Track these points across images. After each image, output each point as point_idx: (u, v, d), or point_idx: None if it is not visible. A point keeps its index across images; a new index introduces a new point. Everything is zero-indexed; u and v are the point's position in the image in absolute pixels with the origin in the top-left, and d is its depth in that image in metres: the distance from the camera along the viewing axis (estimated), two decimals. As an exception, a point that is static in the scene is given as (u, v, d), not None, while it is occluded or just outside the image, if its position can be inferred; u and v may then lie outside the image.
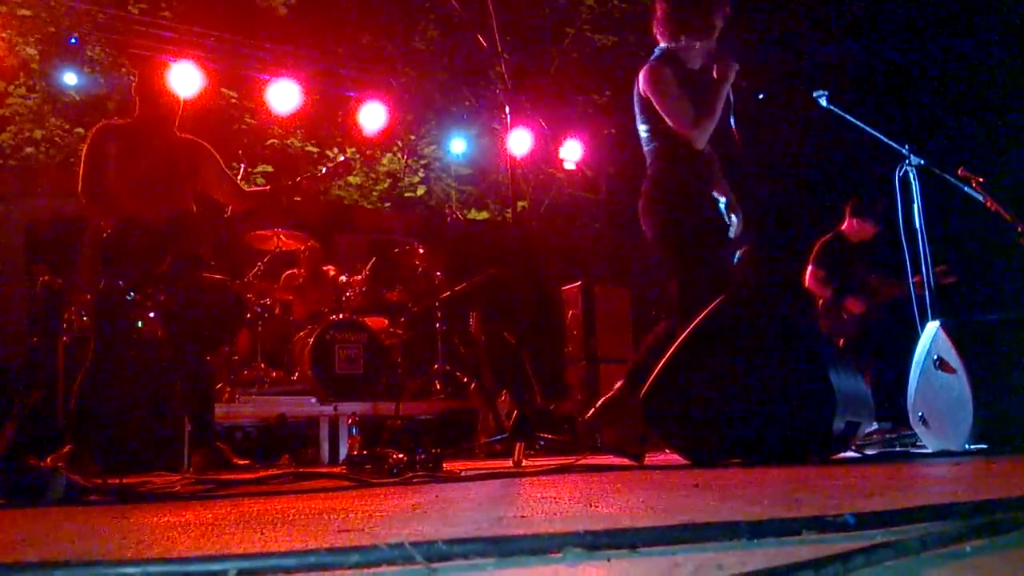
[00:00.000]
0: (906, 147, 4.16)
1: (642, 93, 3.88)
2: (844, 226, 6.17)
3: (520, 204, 8.64)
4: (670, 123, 3.76)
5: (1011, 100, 9.07)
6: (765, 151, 10.21)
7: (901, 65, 9.90)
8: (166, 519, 1.78)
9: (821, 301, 6.11)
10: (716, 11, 3.86)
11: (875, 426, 5.10)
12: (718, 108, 3.74)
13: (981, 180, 4.42)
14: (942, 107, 9.60)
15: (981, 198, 4.43)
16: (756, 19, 9.86)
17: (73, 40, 7.18)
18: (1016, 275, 5.52)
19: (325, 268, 6.28)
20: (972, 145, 8.67)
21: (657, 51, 3.93)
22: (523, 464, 3.44)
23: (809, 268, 6.09)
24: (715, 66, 3.81)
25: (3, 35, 7.29)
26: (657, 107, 3.78)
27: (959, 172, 4.45)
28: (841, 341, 5.89)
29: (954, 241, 5.82)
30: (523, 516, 1.55)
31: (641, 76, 3.88)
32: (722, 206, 3.81)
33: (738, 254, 3.87)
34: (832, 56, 9.93)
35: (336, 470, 3.79)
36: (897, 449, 4.07)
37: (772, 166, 10.12)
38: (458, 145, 8.88)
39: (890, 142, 4.22)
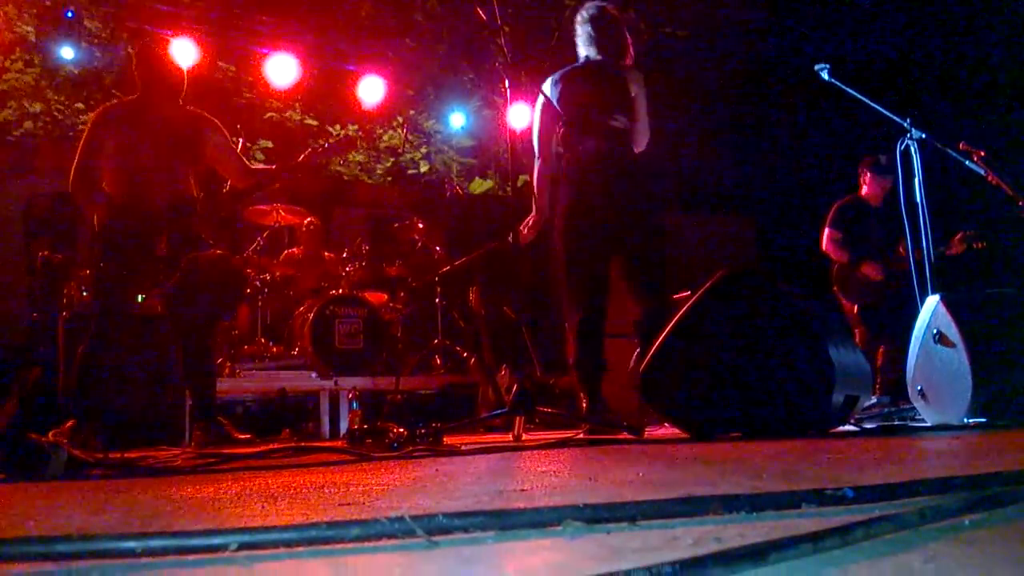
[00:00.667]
0: (907, 120, 4.14)
1: (632, 94, 4.01)
2: (864, 190, 5.98)
3: (521, 178, 8.62)
4: (646, 129, 4.12)
5: (1014, 77, 9.02)
6: (767, 125, 10.18)
7: (902, 44, 9.84)
8: (167, 493, 1.79)
9: (836, 265, 5.94)
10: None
11: (874, 400, 5.11)
12: None
13: (982, 154, 4.39)
14: (944, 82, 9.55)
15: (982, 171, 4.41)
16: (759, 2, 9.79)
17: (69, 14, 7.12)
18: (1016, 249, 5.51)
19: (325, 253, 6.29)
20: (973, 121, 8.63)
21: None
22: (523, 438, 3.46)
23: (826, 231, 5.92)
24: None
25: (5, 8, 7.23)
26: (641, 109, 4.05)
27: (960, 145, 4.43)
28: (856, 307, 5.77)
29: (955, 215, 5.79)
30: (523, 490, 1.55)
31: (638, 80, 4.06)
32: None
33: None
34: (832, 40, 9.86)
35: (337, 444, 3.80)
36: (896, 423, 4.09)
37: (775, 141, 10.09)
38: (458, 119, 8.84)
39: (891, 115, 4.20)
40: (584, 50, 4.10)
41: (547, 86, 4.03)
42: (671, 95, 10.00)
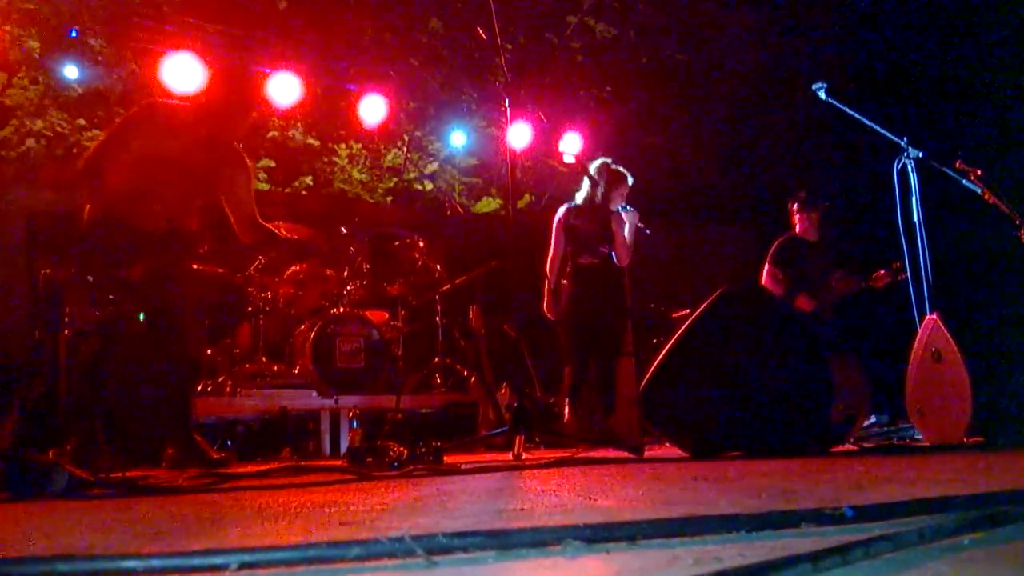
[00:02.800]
0: (904, 140, 4.16)
1: (614, 230, 5.47)
2: (797, 228, 6.18)
3: (527, 196, 8.65)
4: (626, 252, 5.51)
5: (1011, 93, 9.06)
6: (767, 138, 10.22)
7: (899, 59, 9.89)
8: (168, 512, 1.79)
9: None
10: None
11: (873, 419, 5.11)
12: None
13: (979, 173, 4.41)
14: (941, 101, 9.59)
15: (979, 191, 4.43)
16: (757, 15, 9.86)
17: (73, 33, 7.17)
18: (1014, 268, 5.51)
19: (326, 271, 6.30)
20: (971, 140, 8.66)
21: None
22: (523, 457, 3.45)
23: (766, 267, 6.11)
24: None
25: (6, 28, 7.27)
26: (619, 241, 5.45)
27: (957, 164, 4.45)
28: None
29: (952, 234, 5.80)
30: (523, 509, 1.55)
31: (618, 220, 5.44)
32: None
33: None
34: (831, 50, 9.92)
35: (337, 463, 3.80)
36: (895, 442, 4.08)
37: (775, 153, 10.13)
38: (459, 138, 8.87)
39: (888, 134, 4.22)
40: (589, 192, 5.47)
41: (562, 213, 5.51)
42: (671, 108, 10.05)
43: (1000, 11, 8.86)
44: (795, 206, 6.21)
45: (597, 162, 5.62)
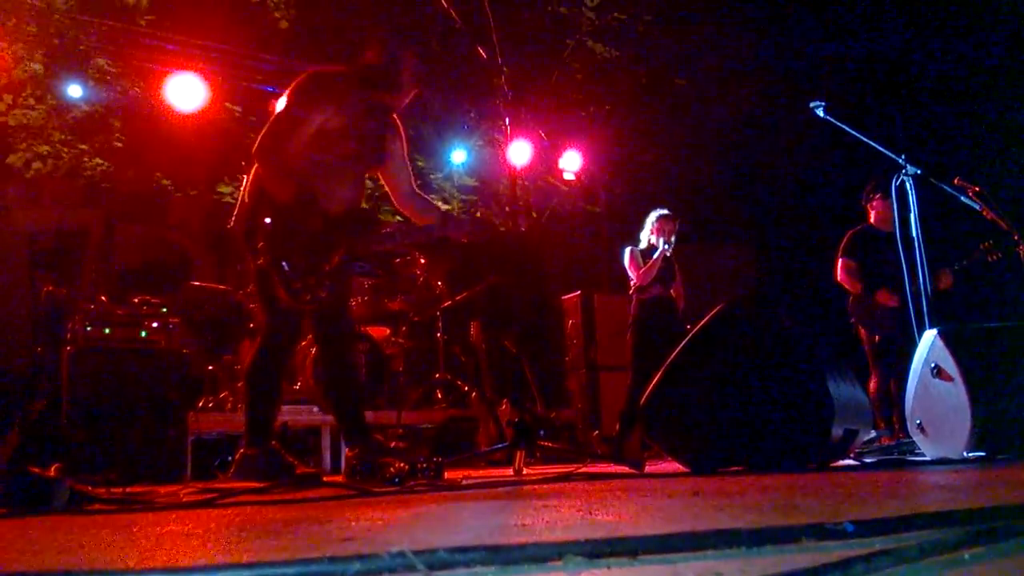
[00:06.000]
0: (902, 156, 4.18)
1: (675, 270, 5.99)
2: (872, 216, 5.81)
3: (522, 215, 8.66)
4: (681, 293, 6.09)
5: (1010, 107, 9.10)
6: (767, 157, 10.26)
7: (898, 69, 9.95)
8: (169, 528, 1.79)
9: (852, 296, 5.79)
10: None
11: (873, 433, 5.08)
12: None
13: (977, 189, 4.42)
14: (940, 115, 9.64)
15: (977, 207, 4.44)
16: (756, 32, 9.92)
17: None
18: (1013, 282, 5.50)
19: None
20: (969, 154, 8.70)
21: None
22: (524, 472, 3.45)
23: (839, 260, 5.78)
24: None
25: (11, 49, 7.32)
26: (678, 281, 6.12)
27: (955, 181, 4.46)
28: (877, 337, 5.68)
29: (952, 249, 5.79)
30: (524, 524, 1.56)
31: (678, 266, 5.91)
32: None
33: None
34: (830, 64, 9.98)
35: (338, 479, 3.79)
36: (895, 456, 4.07)
37: (774, 172, 10.17)
38: (459, 156, 8.90)
39: (886, 151, 4.24)
40: (655, 240, 6.02)
41: (636, 254, 6.06)
42: (670, 126, 10.10)
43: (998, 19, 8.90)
44: (868, 192, 5.81)
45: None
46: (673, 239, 6.02)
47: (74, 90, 7.23)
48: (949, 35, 9.80)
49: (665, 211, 6.17)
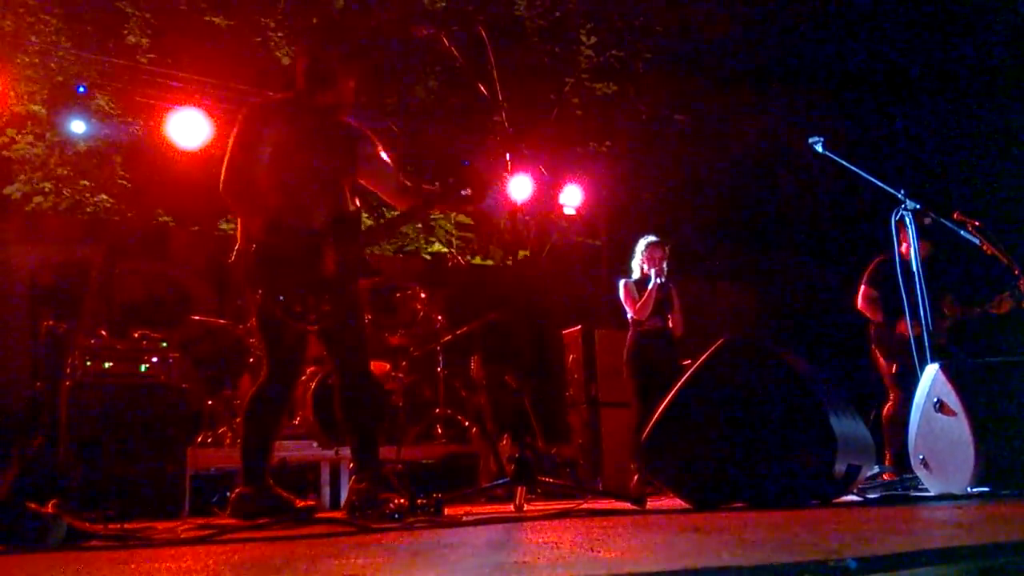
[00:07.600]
0: (901, 191, 4.21)
1: (674, 302, 6.15)
2: (903, 246, 5.33)
3: (522, 253, 8.70)
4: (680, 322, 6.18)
5: (1012, 140, 9.18)
6: (763, 201, 10.34)
7: (899, 100, 10.05)
8: (167, 565, 1.78)
9: (873, 325, 5.73)
10: None
11: (876, 469, 5.04)
12: None
13: (977, 223, 4.44)
14: (940, 150, 9.72)
15: (977, 241, 4.46)
16: (756, 71, 10.04)
17: (81, 89, 7.28)
18: (1015, 318, 5.50)
19: None
20: (969, 189, 8.75)
21: None
22: (525, 508, 3.43)
23: (862, 288, 5.73)
24: None
25: (13, 87, 7.41)
26: (676, 310, 6.21)
27: (955, 215, 4.49)
28: (895, 366, 5.56)
29: (952, 283, 5.79)
30: (524, 562, 1.54)
31: (677, 291, 6.11)
32: None
33: None
34: (828, 107, 10.09)
35: (337, 515, 3.76)
36: (899, 492, 4.05)
37: (774, 208, 10.23)
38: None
39: (885, 186, 4.27)
40: (647, 269, 6.07)
41: (631, 286, 6.12)
42: (674, 165, 10.17)
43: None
44: (897, 220, 5.79)
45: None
46: (664, 266, 6.01)
47: (76, 126, 7.29)
48: (952, 50, 9.91)
49: (653, 238, 6.19)
